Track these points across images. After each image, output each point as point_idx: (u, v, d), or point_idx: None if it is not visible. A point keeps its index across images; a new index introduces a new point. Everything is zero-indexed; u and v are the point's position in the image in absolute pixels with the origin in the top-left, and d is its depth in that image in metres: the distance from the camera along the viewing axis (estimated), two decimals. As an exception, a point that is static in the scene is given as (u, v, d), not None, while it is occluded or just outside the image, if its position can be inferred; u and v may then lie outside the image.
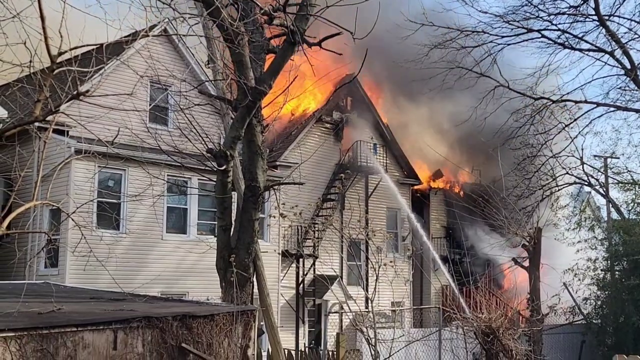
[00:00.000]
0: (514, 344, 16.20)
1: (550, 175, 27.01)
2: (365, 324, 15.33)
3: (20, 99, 9.65)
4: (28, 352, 6.63)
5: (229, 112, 14.54)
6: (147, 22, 8.60)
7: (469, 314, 16.44)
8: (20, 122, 7.62)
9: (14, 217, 7.36)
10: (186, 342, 8.05)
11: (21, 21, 7.45)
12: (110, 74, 21.39)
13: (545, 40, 25.19)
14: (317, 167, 30.61)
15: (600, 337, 25.28)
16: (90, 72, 7.53)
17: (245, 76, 12.10)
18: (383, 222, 33.25)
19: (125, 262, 20.27)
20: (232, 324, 8.68)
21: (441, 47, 24.53)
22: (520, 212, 25.44)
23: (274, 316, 14.57)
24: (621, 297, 24.04)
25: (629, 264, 24.53)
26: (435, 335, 18.49)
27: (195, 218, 23.61)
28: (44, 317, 7.34)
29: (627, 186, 28.28)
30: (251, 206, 12.93)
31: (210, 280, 15.71)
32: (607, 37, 24.77)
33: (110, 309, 8.72)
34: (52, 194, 9.03)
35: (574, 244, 27.22)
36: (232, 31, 11.11)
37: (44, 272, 20.43)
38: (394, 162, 35.09)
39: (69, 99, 7.27)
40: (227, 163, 12.45)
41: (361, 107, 33.58)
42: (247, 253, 12.96)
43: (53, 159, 19.09)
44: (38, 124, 7.97)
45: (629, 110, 26.17)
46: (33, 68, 7.32)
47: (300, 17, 11.81)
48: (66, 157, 17.06)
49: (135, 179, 20.26)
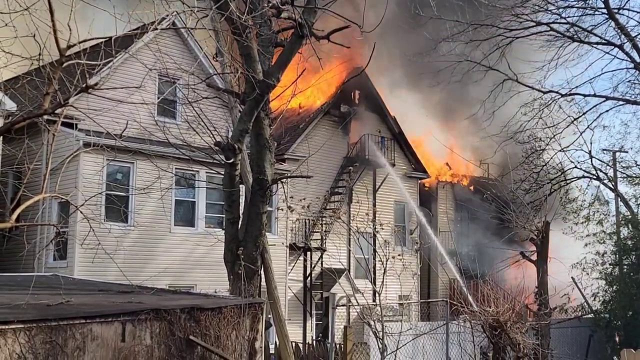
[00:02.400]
0: (521, 338, 16.17)
1: (558, 169, 26.93)
2: (373, 317, 15.32)
3: (29, 92, 9.68)
4: (37, 344, 6.66)
5: (237, 105, 14.54)
6: (156, 15, 8.60)
7: (477, 307, 16.40)
8: (30, 115, 7.65)
9: (23, 210, 7.39)
10: (194, 334, 8.08)
11: (30, 14, 7.47)
12: (118, 67, 21.42)
13: (554, 33, 25.06)
14: (325, 160, 30.60)
15: (608, 331, 25.22)
16: (99, 65, 7.55)
17: (253, 69, 12.10)
18: (391, 215, 33.25)
19: (133, 255, 20.33)
20: (239, 317, 8.70)
21: (450, 40, 24.45)
22: (528, 205, 25.38)
23: (281, 309, 14.59)
24: (630, 291, 23.97)
25: (637, 258, 24.46)
26: (443, 329, 18.46)
27: (203, 211, 23.65)
28: (53, 309, 7.37)
29: (635, 180, 28.17)
30: (259, 199, 12.94)
31: (218, 273, 15.75)
32: (616, 31, 24.65)
33: (119, 301, 8.75)
34: (60, 187, 9.05)
35: (582, 237, 27.14)
36: (240, 24, 11.11)
37: (53, 265, 20.51)
38: (402, 156, 35.03)
39: (77, 92, 7.28)
40: (235, 156, 12.47)
41: (369, 100, 33.54)
42: (255, 246, 12.98)
43: (62, 152, 19.15)
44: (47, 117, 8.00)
45: (638, 104, 26.04)
46: (42, 61, 7.34)
47: (308, 10, 11.80)
48: (75, 150, 17.09)
49: (144, 171, 20.31)
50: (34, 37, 7.27)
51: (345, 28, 11.36)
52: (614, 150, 29.29)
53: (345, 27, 11.34)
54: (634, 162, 28.78)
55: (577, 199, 27.58)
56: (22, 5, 7.59)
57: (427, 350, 18.79)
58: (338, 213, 27.95)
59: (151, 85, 21.69)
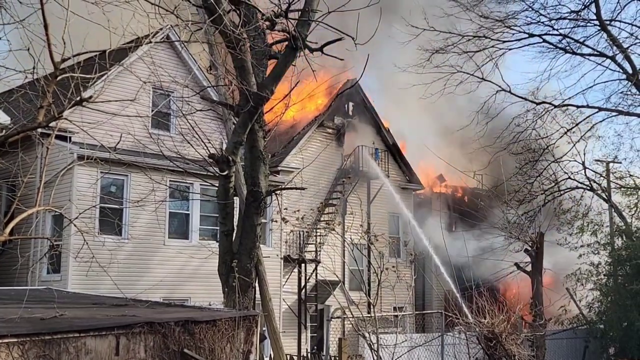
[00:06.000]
0: (516, 349, 16.16)
1: (552, 180, 26.98)
2: (368, 329, 15.29)
3: (23, 105, 9.71)
4: (30, 358, 6.64)
5: (231, 118, 14.57)
6: (150, 28, 8.62)
7: (472, 319, 16.39)
8: (24, 128, 7.65)
9: (17, 223, 7.38)
10: (188, 347, 8.06)
11: (24, 28, 7.48)
12: (112, 80, 21.39)
13: (547, 45, 25.23)
14: (319, 172, 30.64)
15: (603, 342, 25.20)
16: (93, 78, 7.56)
17: (247, 82, 12.13)
18: (385, 226, 33.23)
19: (127, 268, 20.27)
20: (234, 330, 8.68)
21: (443, 52, 24.56)
22: (522, 216, 25.41)
23: (276, 321, 14.55)
24: (624, 302, 23.96)
25: (631, 268, 24.45)
26: (438, 341, 18.46)
27: (197, 223, 23.61)
28: (47, 322, 7.35)
29: (629, 191, 28.20)
30: (253, 211, 12.94)
31: (213, 286, 15.71)
32: (608, 42, 24.80)
33: (113, 314, 8.72)
34: (54, 200, 9.06)
35: (577, 248, 27.15)
36: (234, 37, 11.14)
37: (47, 278, 20.43)
38: (396, 167, 35.12)
39: (72, 105, 7.29)
40: (229, 168, 12.48)
41: (363, 112, 33.63)
42: (249, 258, 12.97)
43: (56, 165, 19.12)
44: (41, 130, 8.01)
45: (630, 115, 26.15)
46: (36, 74, 7.35)
47: (302, 22, 11.84)
48: (69, 163, 17.11)
49: (138, 184, 20.29)
50: (28, 50, 7.28)
51: (339, 40, 11.40)
52: (607, 161, 29.34)
53: (339, 40, 11.38)
54: (628, 173, 28.83)
55: (571, 209, 27.56)
56: (16, 18, 7.60)
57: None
58: (332, 224, 27.94)
59: (145, 98, 21.70)
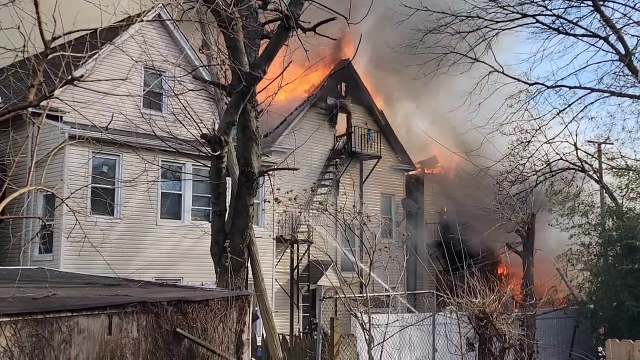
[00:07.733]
0: (507, 329, 16.29)
1: (544, 162, 27.04)
2: (360, 310, 15.35)
3: (14, 85, 9.62)
4: (23, 338, 6.64)
5: (223, 98, 14.52)
6: (142, 7, 8.57)
7: (463, 299, 16.48)
8: (14, 107, 7.61)
9: (9, 203, 7.36)
10: (181, 327, 8.07)
11: (15, 6, 7.42)
12: (104, 59, 21.27)
13: (540, 25, 25.20)
14: (312, 153, 30.63)
15: (593, 322, 25.37)
16: (85, 57, 7.52)
17: (239, 62, 12.08)
18: (378, 207, 33.30)
19: (120, 248, 20.28)
20: (227, 310, 8.70)
21: (436, 32, 24.50)
22: (514, 197, 25.48)
23: (268, 302, 14.60)
24: (615, 283, 24.10)
25: (622, 249, 24.56)
26: (430, 321, 18.54)
27: (189, 204, 23.60)
28: (39, 302, 7.34)
29: (621, 172, 28.29)
30: (246, 192, 12.94)
31: (205, 266, 15.74)
32: (602, 23, 24.77)
33: (106, 294, 8.73)
34: (46, 180, 9.03)
35: (568, 229, 27.25)
36: (226, 17, 11.07)
37: (39, 258, 20.42)
38: (388, 148, 35.13)
39: (63, 84, 7.25)
40: (221, 149, 12.45)
41: (356, 93, 33.57)
42: (242, 239, 12.99)
43: (47, 145, 19.03)
44: (32, 110, 7.97)
45: (623, 96, 26.17)
46: (27, 53, 7.29)
47: (294, 2, 11.78)
48: (60, 143, 17.02)
49: (130, 164, 20.22)
50: (18, 29, 7.22)
51: (332, 20, 11.35)
52: (599, 142, 29.38)
53: (332, 20, 11.33)
54: (620, 154, 28.91)
55: (563, 190, 27.64)
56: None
57: (414, 341, 18.86)
58: (325, 205, 27.96)
59: (137, 78, 21.58)
